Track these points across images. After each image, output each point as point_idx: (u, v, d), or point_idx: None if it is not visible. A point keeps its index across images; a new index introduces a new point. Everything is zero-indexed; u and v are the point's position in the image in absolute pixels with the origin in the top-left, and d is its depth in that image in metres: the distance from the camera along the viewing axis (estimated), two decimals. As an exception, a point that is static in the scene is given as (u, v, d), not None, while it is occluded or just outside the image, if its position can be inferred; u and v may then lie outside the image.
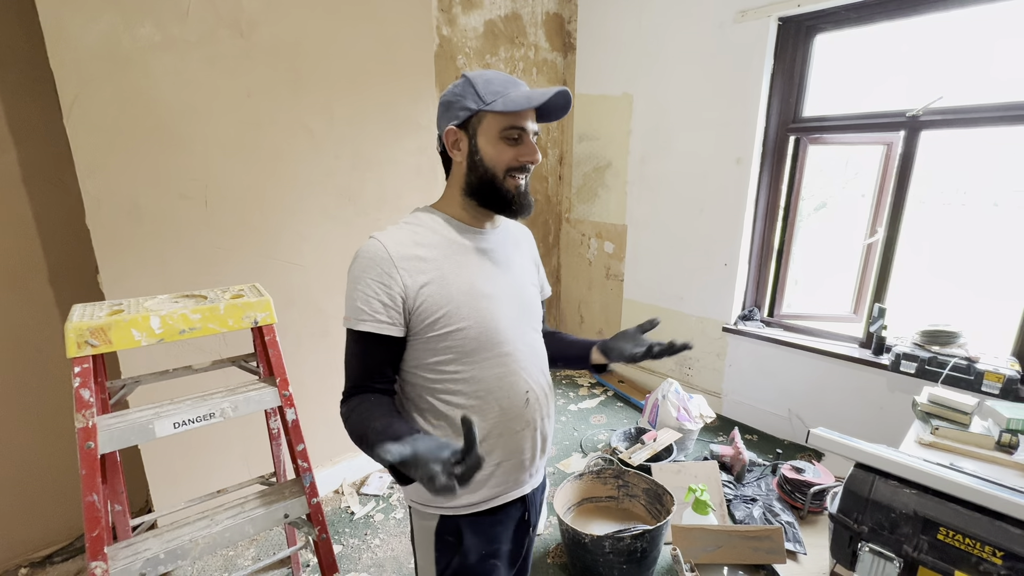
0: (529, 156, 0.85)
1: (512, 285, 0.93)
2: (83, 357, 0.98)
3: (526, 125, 0.84)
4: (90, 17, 1.46)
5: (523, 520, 0.99)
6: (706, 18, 2.60)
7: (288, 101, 1.89)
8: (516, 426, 0.90)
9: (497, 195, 0.86)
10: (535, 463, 0.95)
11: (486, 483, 0.90)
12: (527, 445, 0.92)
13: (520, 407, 0.90)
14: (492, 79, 0.84)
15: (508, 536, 0.96)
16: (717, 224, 2.76)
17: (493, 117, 0.83)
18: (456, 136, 0.86)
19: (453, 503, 0.90)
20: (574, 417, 2.94)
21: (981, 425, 1.50)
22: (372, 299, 0.81)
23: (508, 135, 0.83)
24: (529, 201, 0.89)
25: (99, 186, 1.54)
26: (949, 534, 1.01)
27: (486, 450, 0.89)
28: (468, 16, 2.80)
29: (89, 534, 0.97)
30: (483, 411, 0.88)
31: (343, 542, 1.95)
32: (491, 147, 0.84)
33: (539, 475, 1.00)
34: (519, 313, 0.92)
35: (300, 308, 2.05)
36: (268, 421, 1.53)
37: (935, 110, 2.10)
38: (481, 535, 0.92)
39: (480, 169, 0.85)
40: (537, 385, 0.93)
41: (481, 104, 0.82)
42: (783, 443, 2.63)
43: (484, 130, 0.84)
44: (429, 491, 0.62)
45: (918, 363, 2.10)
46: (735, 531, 1.65)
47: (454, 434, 0.88)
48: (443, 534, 0.91)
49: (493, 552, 0.94)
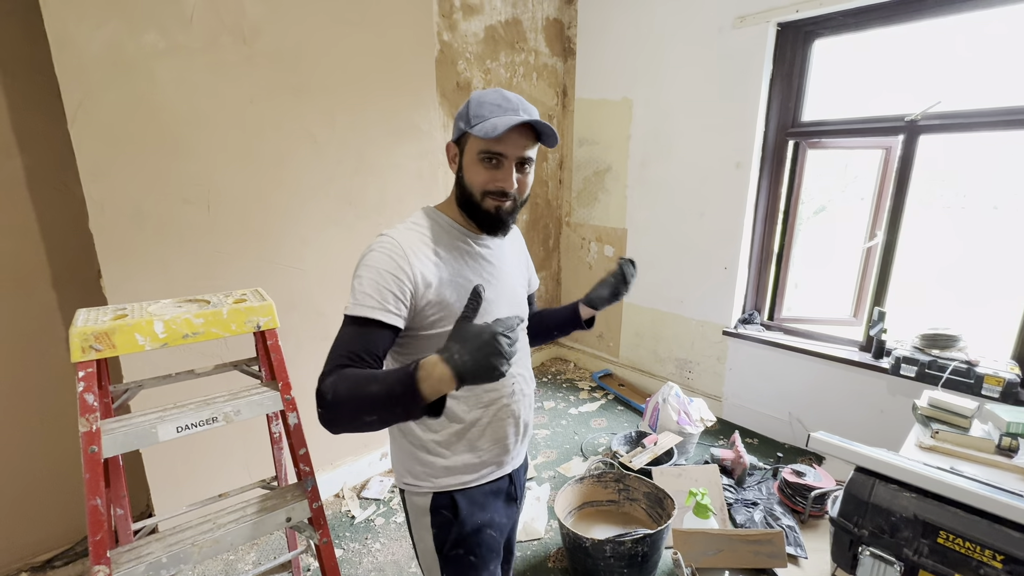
0: (500, 182, 0.87)
1: (507, 288, 0.99)
2: (87, 362, 0.99)
3: (504, 151, 0.85)
4: (95, 24, 1.48)
5: (510, 496, 1.06)
6: (705, 24, 2.62)
7: (291, 107, 1.91)
8: (502, 415, 0.98)
9: (476, 213, 0.90)
10: (517, 447, 1.04)
11: (476, 464, 0.97)
12: (511, 431, 1.00)
13: (507, 399, 0.97)
14: (486, 102, 0.85)
15: (501, 508, 1.03)
16: (717, 228, 2.77)
17: (474, 139, 0.86)
18: (453, 151, 0.92)
19: (446, 481, 0.95)
20: (574, 421, 2.94)
21: (981, 429, 1.50)
22: (383, 288, 0.82)
23: (484, 158, 0.86)
24: (504, 221, 0.91)
25: (102, 191, 1.55)
26: (949, 538, 1.01)
27: (475, 436, 0.96)
28: (469, 22, 2.82)
29: (92, 538, 0.97)
30: (474, 403, 0.94)
31: (344, 546, 1.95)
32: (471, 168, 0.88)
33: (520, 457, 1.08)
34: (510, 313, 0.98)
35: (301, 312, 2.05)
36: (270, 425, 1.53)
37: (934, 114, 2.11)
38: (475, 503, 0.98)
39: (463, 186, 0.90)
40: (522, 379, 1.01)
41: (468, 126, 0.85)
42: (784, 447, 2.63)
43: (468, 150, 0.88)
44: (492, 374, 0.67)
45: (918, 367, 2.10)
46: (736, 535, 1.65)
47: (450, 438, 0.95)
48: (438, 509, 0.96)
49: (488, 521, 0.99)
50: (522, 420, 1.02)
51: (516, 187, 0.88)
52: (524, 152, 0.87)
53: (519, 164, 0.88)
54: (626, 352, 3.43)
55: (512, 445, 1.01)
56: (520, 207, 0.93)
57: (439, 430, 0.94)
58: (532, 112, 0.87)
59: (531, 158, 0.89)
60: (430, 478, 0.96)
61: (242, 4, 1.74)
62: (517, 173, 0.88)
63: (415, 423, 0.95)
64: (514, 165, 0.87)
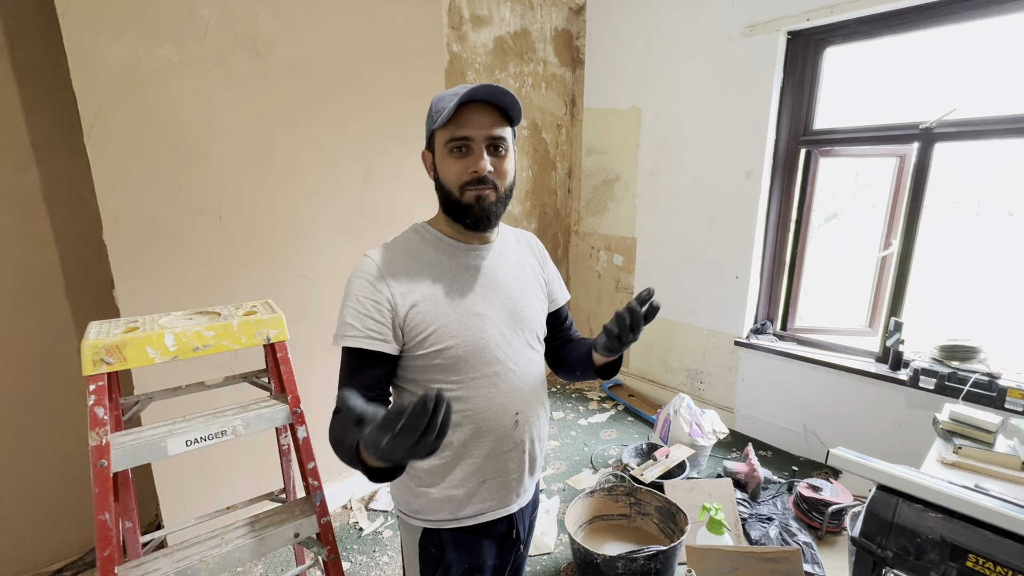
0: (472, 167, 0.81)
1: (506, 302, 0.91)
2: (98, 375, 0.99)
3: (468, 134, 0.80)
4: (112, 39, 1.50)
5: (511, 537, 0.98)
6: (715, 32, 2.62)
7: (302, 118, 1.92)
8: (504, 447, 0.89)
9: (458, 211, 0.85)
10: (522, 483, 0.95)
11: (471, 500, 0.90)
12: (514, 466, 0.91)
13: (509, 428, 0.89)
14: (445, 95, 0.82)
15: (493, 552, 0.96)
16: (728, 237, 2.74)
17: (440, 133, 0.83)
18: (428, 159, 0.89)
19: (436, 517, 0.90)
20: (584, 432, 2.91)
21: (1006, 444, 1.45)
22: (364, 316, 0.81)
23: (452, 147, 0.82)
24: (487, 212, 0.84)
25: (116, 203, 1.57)
26: (979, 561, 0.97)
27: (471, 468, 0.88)
28: (478, 33, 2.83)
29: (100, 553, 0.96)
30: (471, 430, 0.87)
31: (351, 559, 1.93)
32: (442, 162, 0.85)
33: (528, 494, 0.99)
34: (512, 331, 0.90)
35: (311, 321, 2.05)
36: (279, 437, 1.52)
37: (949, 122, 2.08)
38: (464, 549, 0.92)
39: (441, 186, 0.86)
40: (528, 406, 0.91)
41: (432, 123, 0.83)
42: (799, 460, 2.57)
43: (437, 148, 0.85)
44: (412, 453, 0.59)
45: (937, 379, 2.05)
46: (752, 552, 1.61)
47: (440, 468, 0.88)
48: (426, 546, 0.92)
49: (477, 567, 0.93)
50: (528, 454, 0.93)
51: (492, 171, 0.82)
52: (492, 131, 0.81)
53: (491, 147, 0.82)
54: (636, 362, 3.39)
55: (515, 482, 0.93)
56: (507, 198, 0.87)
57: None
58: (497, 91, 0.79)
59: (502, 138, 0.83)
60: (421, 512, 0.91)
61: (255, 18, 1.76)
62: (490, 156, 0.82)
63: None
64: (484, 149, 0.82)
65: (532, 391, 0.93)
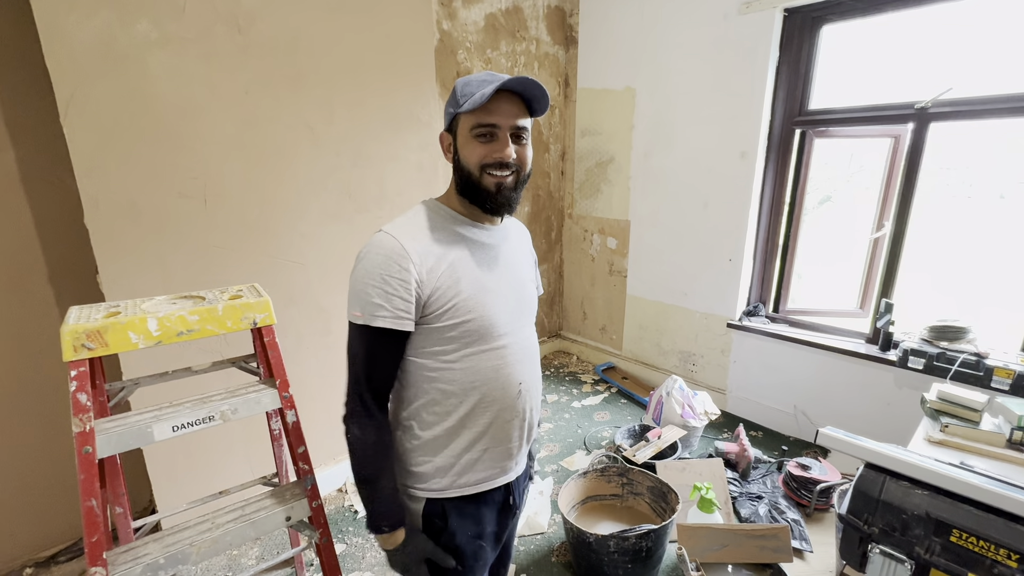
0: (497, 153, 0.85)
1: (511, 281, 0.95)
2: (79, 361, 0.97)
3: (496, 122, 0.83)
4: (85, 14, 1.44)
5: (507, 504, 1.02)
6: (710, 10, 2.56)
7: (287, 98, 1.87)
8: (507, 415, 0.93)
9: (477, 193, 0.88)
10: (521, 451, 1.00)
11: (473, 467, 0.93)
12: (515, 434, 0.96)
13: (513, 398, 0.93)
14: (472, 80, 0.84)
15: (493, 518, 1.00)
16: (721, 219, 2.73)
17: (466, 117, 0.85)
18: (447, 140, 0.90)
19: (440, 485, 0.93)
20: (577, 414, 2.93)
21: (992, 422, 1.47)
22: (391, 295, 0.81)
23: (478, 132, 0.84)
24: (508, 199, 0.88)
25: (96, 185, 1.53)
26: (962, 536, 0.99)
27: (476, 436, 0.92)
28: (468, 10, 2.76)
29: (88, 539, 0.96)
30: (477, 399, 0.90)
31: (346, 540, 1.95)
32: (465, 146, 0.86)
33: (523, 463, 1.04)
34: (517, 308, 0.95)
35: (301, 306, 2.03)
36: (269, 422, 1.52)
37: (945, 101, 2.06)
38: (467, 517, 0.95)
39: (461, 169, 0.88)
40: (530, 377, 0.97)
41: (457, 107, 0.84)
42: (788, 439, 2.61)
43: (461, 131, 0.87)
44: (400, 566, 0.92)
45: (926, 359, 2.07)
46: (741, 530, 1.64)
47: (445, 435, 0.91)
48: (431, 516, 0.94)
49: (479, 533, 0.97)
50: (527, 423, 0.98)
51: (515, 158, 0.86)
52: (517, 121, 0.85)
53: (514, 136, 0.85)
54: (629, 345, 3.41)
55: (515, 450, 0.97)
56: (523, 184, 0.90)
57: (435, 424, 0.91)
58: (530, 84, 0.83)
59: (526, 128, 0.87)
60: (423, 481, 0.93)
61: (236, -8, 1.70)
62: (514, 144, 0.86)
63: (414, 420, 0.92)
64: (509, 136, 0.85)
65: (532, 363, 0.98)
